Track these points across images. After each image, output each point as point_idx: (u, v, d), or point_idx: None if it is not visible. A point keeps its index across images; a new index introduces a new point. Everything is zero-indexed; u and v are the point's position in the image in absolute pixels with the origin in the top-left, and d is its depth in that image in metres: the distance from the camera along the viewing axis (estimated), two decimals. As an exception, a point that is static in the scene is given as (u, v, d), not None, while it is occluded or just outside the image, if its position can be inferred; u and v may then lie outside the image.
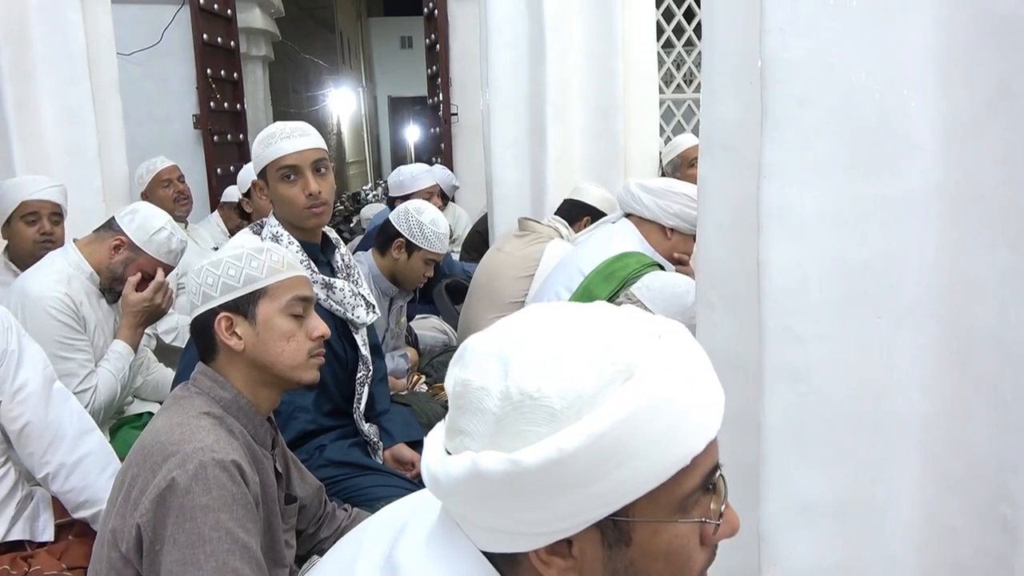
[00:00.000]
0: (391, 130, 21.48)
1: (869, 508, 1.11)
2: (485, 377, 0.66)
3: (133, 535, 1.09)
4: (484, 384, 0.66)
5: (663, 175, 3.52)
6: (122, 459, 1.83)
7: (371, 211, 5.40)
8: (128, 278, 2.19)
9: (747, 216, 1.15)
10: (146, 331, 2.36)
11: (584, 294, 2.15)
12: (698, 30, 4.87)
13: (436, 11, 5.40)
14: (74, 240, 2.26)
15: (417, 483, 1.98)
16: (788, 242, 1.07)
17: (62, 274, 2.11)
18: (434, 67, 5.64)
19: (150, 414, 2.34)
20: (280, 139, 1.85)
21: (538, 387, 0.63)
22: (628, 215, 2.42)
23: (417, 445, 2.12)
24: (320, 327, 1.36)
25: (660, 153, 3.69)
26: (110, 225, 2.23)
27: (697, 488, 0.66)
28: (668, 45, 4.77)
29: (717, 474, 0.68)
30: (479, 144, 3.79)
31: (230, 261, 1.31)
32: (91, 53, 2.98)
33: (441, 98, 5.49)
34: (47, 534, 1.69)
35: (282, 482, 1.35)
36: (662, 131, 4.30)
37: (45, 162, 2.83)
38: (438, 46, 5.43)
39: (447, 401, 2.46)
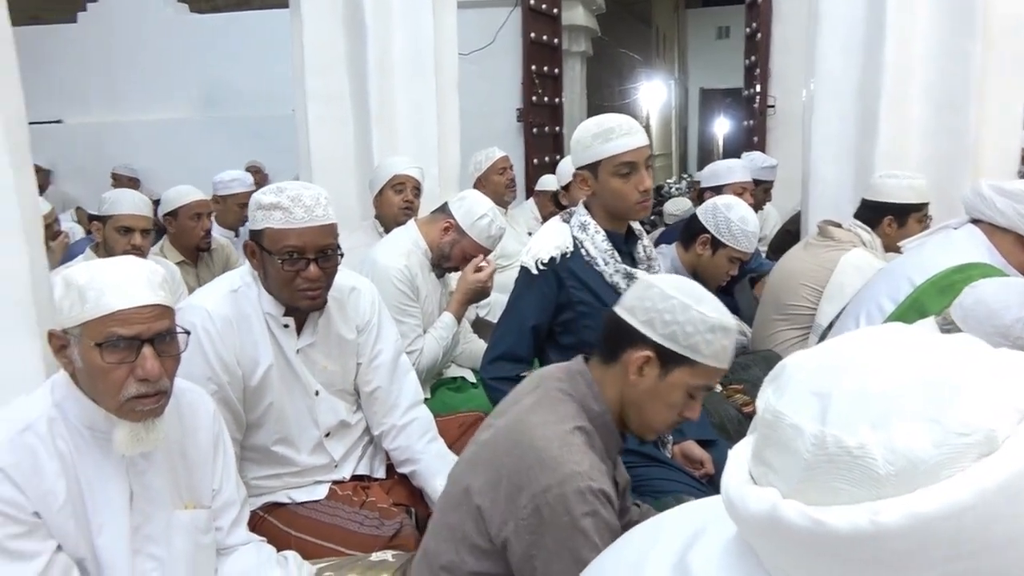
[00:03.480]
0: (700, 123, 21.10)
1: None
2: (799, 414, 0.58)
3: (509, 528, 1.18)
4: (797, 422, 0.58)
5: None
6: (437, 416, 2.06)
7: (674, 206, 5.35)
8: (460, 260, 2.44)
9: None
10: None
11: (912, 307, 1.91)
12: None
13: (760, -2, 5.18)
14: (414, 220, 2.57)
15: (704, 484, 1.94)
16: None
17: (404, 248, 2.43)
18: (753, 57, 5.42)
19: (463, 379, 2.61)
20: (620, 135, 1.88)
21: (860, 443, 0.53)
22: (976, 221, 2.11)
23: (707, 444, 2.08)
24: (695, 413, 1.34)
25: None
26: (443, 209, 2.50)
27: None
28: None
29: None
30: (797, 138, 3.56)
31: (696, 318, 1.25)
32: (437, 53, 3.35)
33: (758, 89, 5.26)
34: (380, 472, 1.99)
35: (617, 491, 1.38)
36: (1026, 125, 3.65)
37: (394, 149, 3.25)
38: (759, 34, 5.21)
39: (741, 404, 2.33)
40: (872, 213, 2.72)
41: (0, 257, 1.50)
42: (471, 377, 2.64)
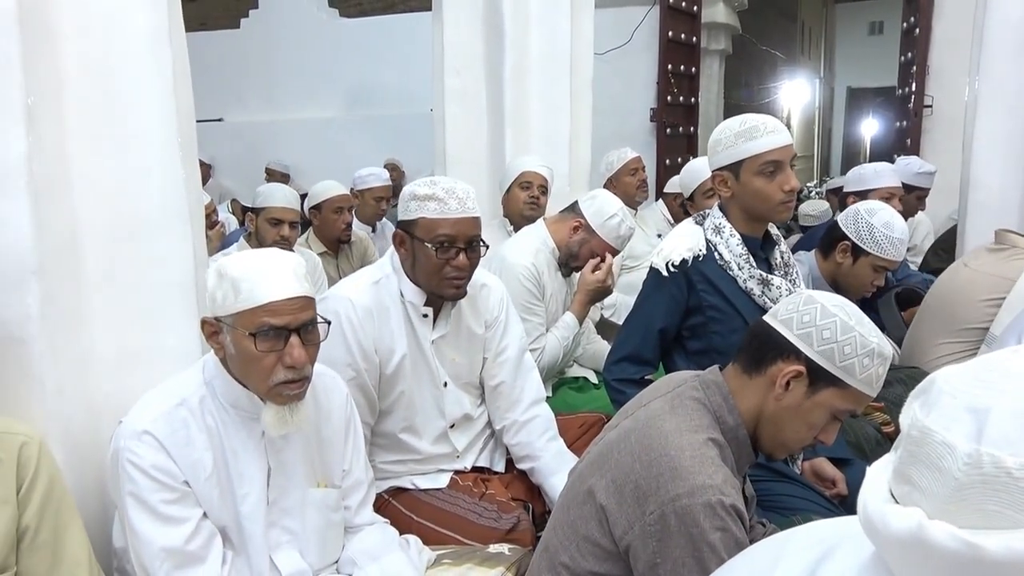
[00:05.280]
0: (845, 124, 19.95)
1: None
2: (951, 431, 0.56)
3: (634, 532, 1.17)
4: (948, 440, 0.56)
5: None
6: (558, 415, 2.06)
7: (810, 207, 5.10)
8: (587, 259, 2.45)
9: None
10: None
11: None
12: None
13: (920, -9, 4.84)
14: (544, 218, 2.60)
15: (835, 504, 1.84)
16: None
17: (532, 247, 2.46)
18: (909, 53, 5.08)
19: (585, 379, 2.61)
20: (766, 133, 1.81)
21: (1021, 464, 0.51)
22: None
23: (840, 463, 1.97)
24: (830, 439, 1.29)
25: None
26: (573, 208, 2.51)
27: None
28: None
29: None
30: (956, 141, 3.30)
31: (856, 340, 1.20)
32: (573, 55, 3.36)
33: (914, 88, 4.92)
34: (500, 466, 2.03)
35: (749, 505, 1.35)
36: None
37: (527, 148, 3.28)
38: (918, 29, 4.88)
39: (881, 423, 2.18)
40: None
41: (169, 243, 1.63)
42: (593, 378, 2.63)
